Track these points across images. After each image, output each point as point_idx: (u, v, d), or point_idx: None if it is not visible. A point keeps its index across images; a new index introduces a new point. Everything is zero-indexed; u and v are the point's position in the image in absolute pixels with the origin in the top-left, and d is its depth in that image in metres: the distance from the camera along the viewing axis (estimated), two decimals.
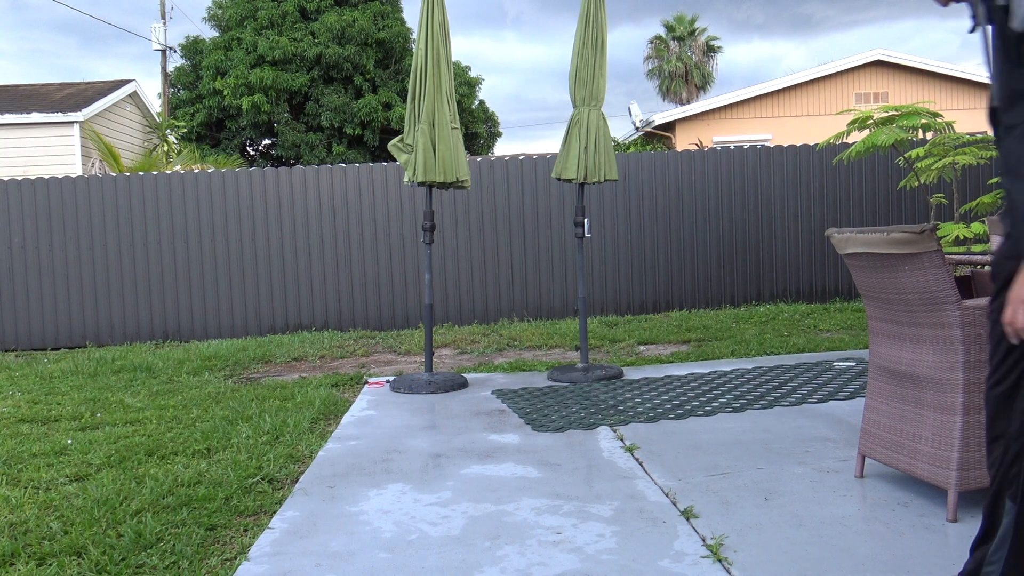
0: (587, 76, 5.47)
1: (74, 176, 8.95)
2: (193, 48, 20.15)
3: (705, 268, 9.09)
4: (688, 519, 2.76)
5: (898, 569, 2.31)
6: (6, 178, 9.35)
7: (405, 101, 17.05)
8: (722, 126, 17.97)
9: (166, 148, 16.34)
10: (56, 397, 5.63)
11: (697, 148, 13.33)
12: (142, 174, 8.94)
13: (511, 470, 3.46)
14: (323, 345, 7.66)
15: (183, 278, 8.85)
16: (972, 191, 8.68)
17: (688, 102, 29.00)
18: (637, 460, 3.51)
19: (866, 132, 7.43)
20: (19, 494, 3.36)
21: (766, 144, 10.22)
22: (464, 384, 5.42)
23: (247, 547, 2.71)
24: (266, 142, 20.88)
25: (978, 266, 3.73)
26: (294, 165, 18.90)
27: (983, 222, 6.45)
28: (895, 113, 6.83)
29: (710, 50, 32.34)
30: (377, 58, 19.53)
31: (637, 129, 19.94)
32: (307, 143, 19.21)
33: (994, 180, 6.75)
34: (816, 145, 8.81)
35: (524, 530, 2.75)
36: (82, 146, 14.18)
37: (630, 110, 21.67)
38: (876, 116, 6.93)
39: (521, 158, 9.03)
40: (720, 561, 2.42)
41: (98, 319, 8.83)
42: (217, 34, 20.21)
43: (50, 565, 2.62)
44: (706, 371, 5.52)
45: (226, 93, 18.67)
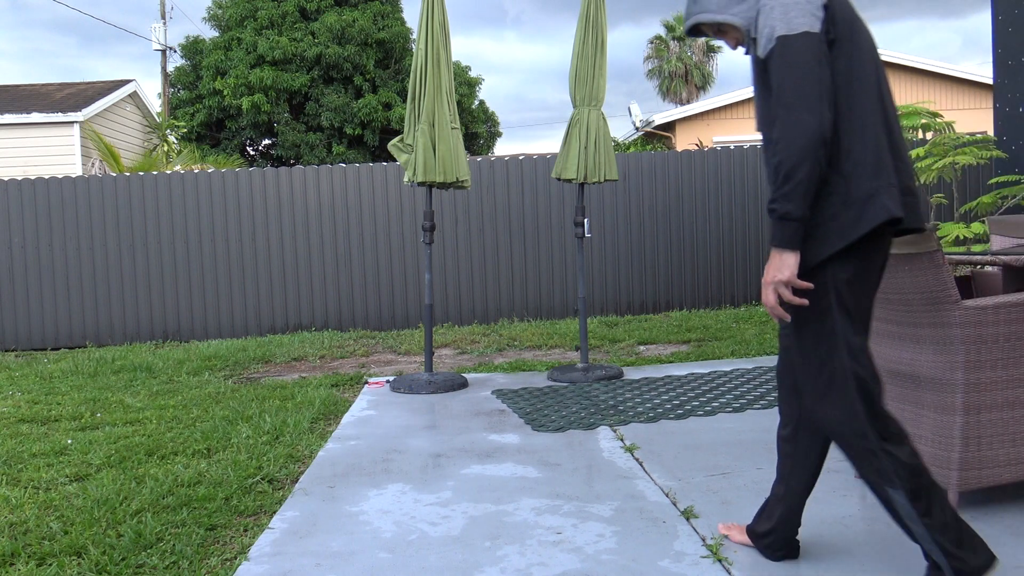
0: (587, 76, 5.47)
1: (74, 176, 8.95)
2: (193, 48, 20.15)
3: (705, 268, 9.09)
4: (688, 519, 2.77)
5: (898, 569, 2.31)
6: (6, 178, 9.35)
7: (405, 101, 17.04)
8: (722, 126, 17.98)
9: (166, 148, 16.34)
10: (56, 397, 5.63)
11: (697, 148, 13.33)
12: (142, 174, 8.94)
13: (511, 470, 3.46)
14: (323, 345, 7.66)
15: (183, 278, 8.85)
16: (972, 191, 8.68)
17: (688, 102, 29.01)
18: (637, 460, 3.51)
19: None
20: (19, 494, 3.36)
21: None
22: (464, 384, 5.43)
23: (247, 547, 2.71)
24: (266, 142, 20.89)
25: (978, 266, 3.73)
26: (294, 165, 18.90)
27: (983, 222, 6.45)
28: None
29: (710, 50, 32.34)
30: (377, 58, 19.53)
31: (637, 129, 19.94)
32: (307, 143, 19.21)
33: (994, 180, 6.75)
34: None
35: (524, 530, 2.75)
36: (82, 146, 14.18)
37: (630, 110, 21.67)
38: None
39: (521, 158, 9.03)
40: (720, 561, 2.42)
41: (98, 319, 8.84)
42: (217, 34, 20.21)
43: (50, 565, 2.62)
44: (706, 371, 5.52)
45: (226, 93, 18.67)
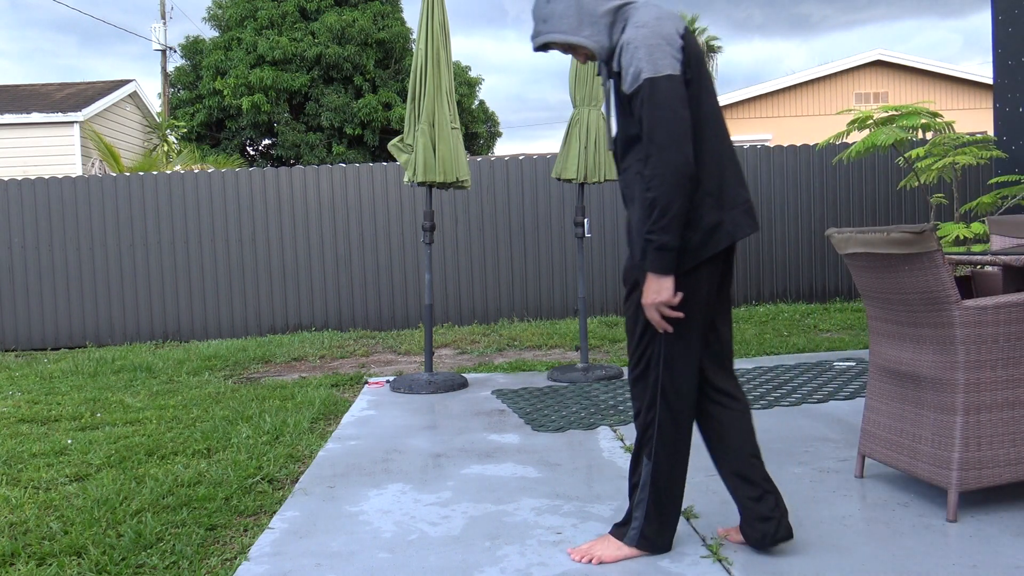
0: (587, 76, 5.47)
1: (74, 176, 8.95)
2: (193, 48, 20.14)
3: None
4: (688, 519, 2.76)
5: (898, 569, 2.31)
6: (6, 178, 9.35)
7: (405, 101, 17.04)
8: None
9: (166, 148, 16.34)
10: (56, 397, 5.63)
11: None
12: (142, 174, 8.94)
13: (511, 470, 3.46)
14: (323, 345, 7.66)
15: (183, 278, 8.85)
16: (972, 191, 8.68)
17: None
18: None
19: (866, 132, 7.43)
20: (19, 494, 3.36)
21: (766, 144, 10.22)
22: (464, 384, 5.42)
23: (247, 547, 2.71)
24: (266, 142, 20.88)
25: (978, 266, 3.73)
26: (294, 165, 18.90)
27: (983, 222, 6.45)
28: (895, 113, 6.83)
29: (710, 50, 32.34)
30: (377, 58, 19.52)
31: None
32: (307, 143, 19.20)
33: (994, 180, 6.75)
34: (816, 145, 8.81)
35: (524, 530, 2.75)
36: (82, 146, 14.18)
37: None
38: (876, 116, 6.93)
39: (521, 158, 9.03)
40: (720, 561, 2.42)
41: (98, 319, 8.84)
42: (217, 34, 20.20)
43: (50, 565, 2.62)
44: None
45: (226, 93, 18.66)
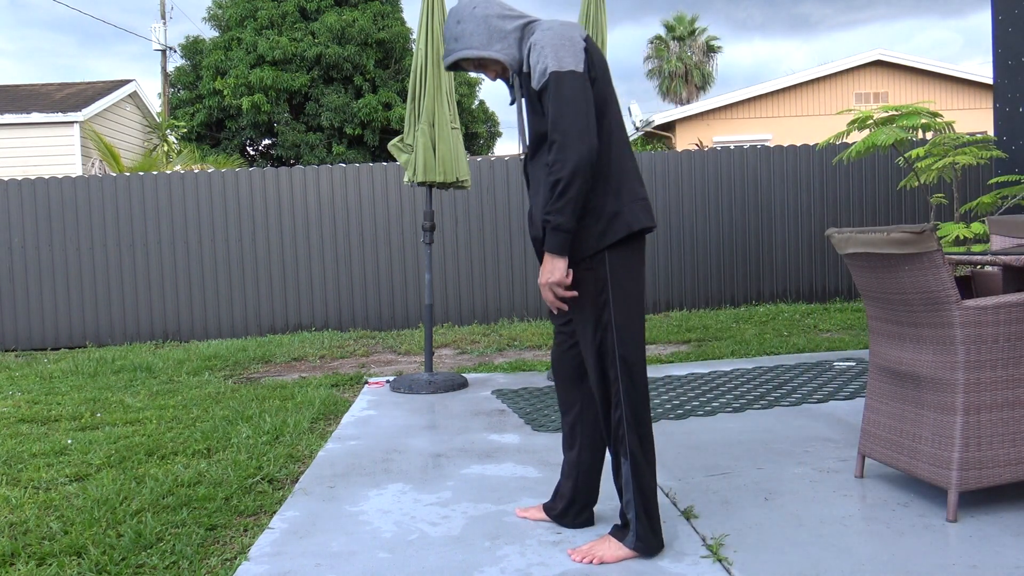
0: None
1: (74, 176, 8.95)
2: (193, 48, 20.14)
3: (705, 268, 9.09)
4: (688, 519, 2.76)
5: (898, 569, 2.31)
6: (6, 178, 9.35)
7: (405, 101, 17.05)
8: (722, 126, 17.97)
9: (166, 148, 16.34)
10: (56, 397, 5.63)
11: (697, 148, 13.32)
12: (142, 174, 8.94)
13: (511, 470, 3.46)
14: (323, 345, 7.66)
15: (183, 278, 8.85)
16: (972, 191, 8.68)
17: (688, 102, 29.01)
18: None
19: (866, 132, 7.43)
20: (19, 494, 3.36)
21: (766, 144, 10.22)
22: (464, 384, 5.42)
23: (247, 547, 2.71)
24: (266, 142, 20.88)
25: (978, 266, 3.73)
26: (294, 165, 18.90)
27: (983, 222, 6.45)
28: (895, 113, 6.82)
29: (710, 50, 32.36)
30: (377, 58, 19.52)
31: (637, 129, 19.94)
32: (307, 143, 19.21)
33: (994, 180, 6.75)
34: (816, 145, 8.81)
35: (524, 530, 2.75)
36: (82, 146, 14.18)
37: (630, 110, 21.68)
38: (876, 116, 6.93)
39: (521, 158, 9.03)
40: (720, 561, 2.42)
41: (98, 319, 8.84)
42: (217, 34, 20.21)
43: (50, 565, 2.62)
44: (706, 371, 5.52)
45: (226, 93, 18.66)
